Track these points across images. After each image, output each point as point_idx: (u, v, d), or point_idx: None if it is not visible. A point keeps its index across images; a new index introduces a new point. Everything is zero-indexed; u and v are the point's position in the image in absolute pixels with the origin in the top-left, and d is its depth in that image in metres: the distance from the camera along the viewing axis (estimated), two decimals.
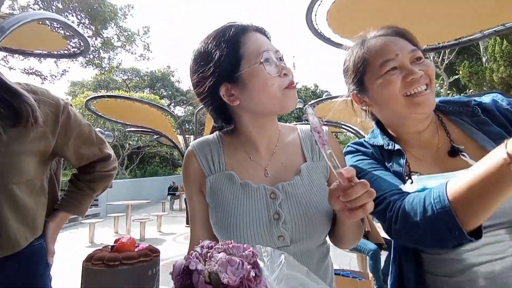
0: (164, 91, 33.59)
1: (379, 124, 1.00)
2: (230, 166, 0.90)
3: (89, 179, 1.22)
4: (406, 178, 0.82)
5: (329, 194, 0.69)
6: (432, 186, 0.71)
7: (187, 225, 9.41)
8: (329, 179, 0.93)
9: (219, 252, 0.50)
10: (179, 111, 34.52)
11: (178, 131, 11.21)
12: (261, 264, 0.55)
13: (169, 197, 14.67)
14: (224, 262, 0.47)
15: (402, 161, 0.85)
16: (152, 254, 0.64)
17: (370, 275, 3.52)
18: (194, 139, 10.06)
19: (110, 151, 1.27)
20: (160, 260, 0.67)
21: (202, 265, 0.49)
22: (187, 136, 10.52)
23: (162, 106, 9.90)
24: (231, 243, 0.53)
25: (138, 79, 32.64)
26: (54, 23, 2.99)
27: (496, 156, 0.56)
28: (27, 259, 0.99)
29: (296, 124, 1.03)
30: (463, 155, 0.81)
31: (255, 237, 0.79)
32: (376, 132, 0.99)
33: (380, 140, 0.94)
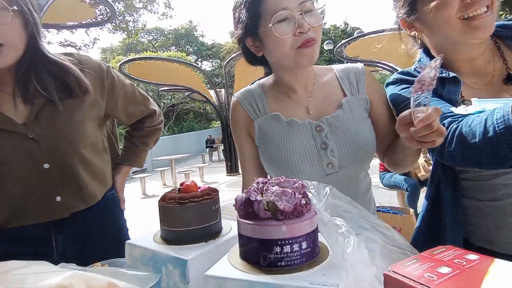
0: (189, 47, 33.26)
1: (427, 52, 0.95)
2: (274, 109, 0.98)
3: (141, 134, 1.32)
4: (461, 104, 0.80)
5: (398, 120, 0.70)
6: (491, 108, 0.69)
7: (228, 174, 9.94)
8: (370, 111, 0.97)
9: (273, 186, 0.59)
10: (206, 65, 34.39)
11: (209, 85, 11.32)
12: (309, 195, 0.63)
13: (207, 149, 15.36)
14: (279, 192, 0.56)
15: (458, 88, 0.83)
16: (213, 193, 0.75)
17: (412, 210, 3.60)
18: (225, 92, 10.19)
19: (155, 106, 1.34)
20: (219, 198, 0.78)
21: (260, 196, 0.57)
22: (218, 89, 10.61)
23: (190, 63, 9.99)
24: (283, 178, 0.61)
25: (163, 38, 32.48)
26: None
27: None
28: (104, 208, 1.15)
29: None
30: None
31: (306, 167, 0.89)
32: (424, 60, 0.94)
33: None
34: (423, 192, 3.94)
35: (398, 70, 1.03)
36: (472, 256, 0.38)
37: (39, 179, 0.98)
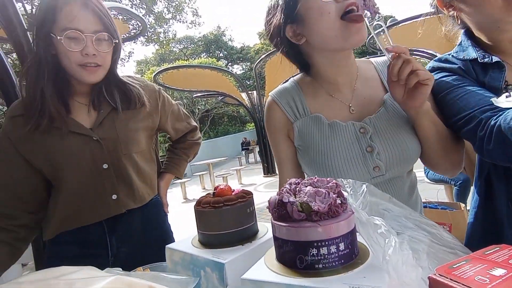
0: (219, 52, 33.96)
1: (469, 34, 0.88)
2: (314, 109, 0.92)
3: (183, 147, 1.48)
4: (504, 92, 0.72)
5: (387, 81, 0.72)
6: None
7: (265, 175, 9.97)
8: None
9: (306, 186, 0.57)
10: (237, 69, 34.83)
11: (240, 89, 11.45)
12: (345, 194, 0.61)
13: (243, 152, 15.55)
14: (312, 193, 0.54)
15: (502, 74, 0.77)
16: (247, 196, 0.75)
17: (462, 205, 3.35)
18: (256, 94, 10.25)
19: (195, 123, 1.52)
20: (253, 201, 0.78)
21: (293, 197, 0.56)
22: (249, 92, 10.70)
23: (221, 68, 10.19)
24: (316, 178, 0.60)
25: (193, 46, 33.47)
26: (113, 10, 3.22)
27: None
28: (152, 209, 1.25)
29: (368, 58, 1.01)
30: None
31: (351, 171, 0.84)
32: (465, 44, 0.87)
33: (471, 52, 0.83)
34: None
35: (437, 56, 0.95)
36: None
37: (99, 178, 1.09)
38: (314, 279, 0.50)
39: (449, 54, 0.90)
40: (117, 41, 1.06)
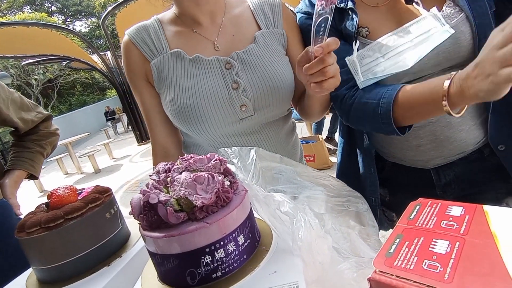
0: (49, 5, 27.40)
1: None
2: (174, 45, 0.79)
3: (35, 138, 1.23)
4: (355, 39, 0.75)
5: (296, 63, 0.63)
6: (373, 62, 0.72)
7: (139, 144, 9.22)
8: (287, 48, 0.84)
9: (181, 173, 0.41)
10: (81, 26, 29.30)
11: (90, 50, 9.69)
12: (232, 168, 0.48)
13: (109, 122, 13.83)
14: (190, 182, 0.39)
15: (354, 21, 0.76)
16: (102, 196, 0.54)
17: (320, 136, 3.86)
18: (111, 55, 8.91)
19: (47, 112, 1.29)
20: (114, 198, 0.57)
21: (165, 193, 0.39)
22: (102, 53, 9.19)
23: (55, 25, 8.22)
24: (191, 157, 0.44)
25: None
26: None
27: (439, 85, 0.56)
28: None
29: None
30: (417, 2, 0.72)
31: (217, 112, 0.74)
32: None
33: None
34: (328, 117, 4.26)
35: None
36: (457, 210, 0.30)
37: None
38: None
39: None
40: None
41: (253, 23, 0.84)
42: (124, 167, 7.11)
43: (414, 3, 0.73)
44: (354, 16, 0.75)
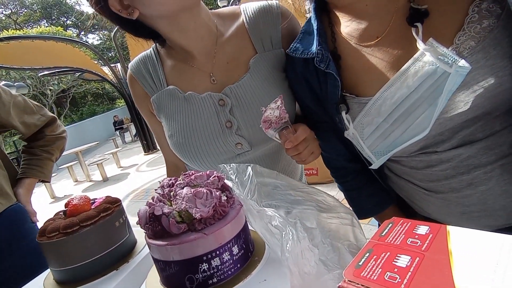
0: (65, 19, 28.31)
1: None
2: (171, 81, 0.78)
3: (42, 144, 1.26)
4: (337, 107, 0.62)
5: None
6: (376, 130, 0.58)
7: (146, 153, 9.33)
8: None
9: (182, 188, 0.46)
10: (93, 39, 30.17)
11: (101, 62, 9.98)
12: (230, 184, 0.53)
13: (117, 132, 14.06)
14: (191, 196, 0.44)
15: (336, 89, 0.61)
16: (112, 206, 0.59)
17: None
18: (121, 67, 9.14)
19: (52, 114, 1.31)
20: (123, 208, 0.63)
21: (168, 206, 0.44)
22: (112, 65, 9.45)
23: (71, 38, 8.53)
24: (193, 174, 0.49)
25: (26, 10, 26.70)
26: None
27: None
28: (10, 218, 1.06)
29: (237, 4, 0.84)
30: (415, 26, 0.52)
31: (212, 150, 0.74)
32: (313, 22, 0.66)
33: (314, 45, 0.63)
34: None
35: None
36: (423, 229, 0.34)
37: None
38: None
39: (293, 46, 0.68)
40: None
41: (249, 45, 0.76)
42: (131, 176, 7.21)
43: (412, 30, 0.52)
44: (336, 83, 0.60)
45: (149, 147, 9.41)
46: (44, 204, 6.70)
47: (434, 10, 0.52)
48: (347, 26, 0.62)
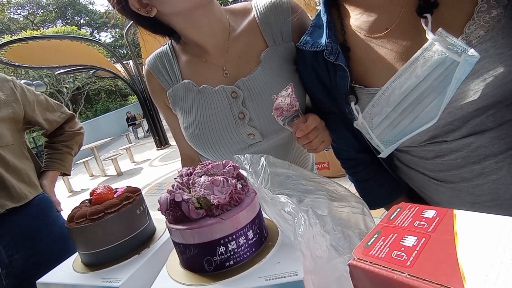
0: (79, 18, 28.80)
1: None
2: (186, 75, 0.82)
3: (63, 139, 1.37)
4: (346, 98, 0.63)
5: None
6: (385, 120, 0.58)
7: (158, 148, 9.48)
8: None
9: (200, 176, 0.49)
10: (106, 37, 30.64)
11: (113, 59, 10.14)
12: (244, 173, 0.55)
13: (130, 127, 14.31)
14: (208, 184, 0.46)
15: (345, 81, 0.62)
16: (133, 195, 0.62)
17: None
18: (133, 64, 9.26)
19: (71, 112, 1.41)
20: (143, 197, 0.66)
21: (187, 193, 0.47)
22: (125, 62, 9.59)
23: (85, 37, 8.68)
24: (209, 163, 0.51)
25: (42, 11, 27.27)
26: None
27: None
28: (38, 206, 1.14)
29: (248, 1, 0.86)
30: (424, 17, 0.52)
31: (225, 141, 0.78)
32: (322, 15, 0.67)
33: (323, 38, 0.65)
34: None
35: None
36: (430, 213, 0.35)
37: None
38: (226, 281, 0.44)
39: (304, 39, 0.70)
40: None
41: (260, 39, 0.79)
42: (144, 171, 7.35)
43: (422, 21, 0.52)
44: (345, 74, 0.61)
45: (161, 143, 9.56)
46: (63, 198, 6.91)
47: (443, 0, 0.52)
48: (357, 19, 0.63)
